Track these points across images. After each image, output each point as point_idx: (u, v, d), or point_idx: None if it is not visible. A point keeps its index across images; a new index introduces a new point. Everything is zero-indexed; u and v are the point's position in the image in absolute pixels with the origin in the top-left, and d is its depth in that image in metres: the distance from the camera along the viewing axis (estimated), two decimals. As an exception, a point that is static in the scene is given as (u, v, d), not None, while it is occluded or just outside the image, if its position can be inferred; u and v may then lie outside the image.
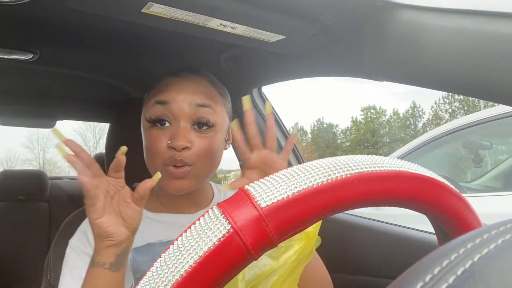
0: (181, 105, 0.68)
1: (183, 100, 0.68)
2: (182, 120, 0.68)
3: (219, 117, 0.72)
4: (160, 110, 0.69)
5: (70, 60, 1.09)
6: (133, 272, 0.69)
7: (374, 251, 1.05)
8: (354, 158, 0.28)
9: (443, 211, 0.29)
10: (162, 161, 0.68)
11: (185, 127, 0.68)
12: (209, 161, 0.71)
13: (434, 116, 30.30)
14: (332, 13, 0.69)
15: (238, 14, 0.66)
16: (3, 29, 0.84)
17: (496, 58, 0.50)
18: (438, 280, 0.15)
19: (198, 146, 0.68)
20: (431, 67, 0.58)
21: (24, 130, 26.89)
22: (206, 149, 0.69)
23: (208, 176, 0.74)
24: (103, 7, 0.63)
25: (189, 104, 0.68)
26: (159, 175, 0.60)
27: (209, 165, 0.71)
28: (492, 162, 3.29)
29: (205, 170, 0.71)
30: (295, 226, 0.25)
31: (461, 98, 27.12)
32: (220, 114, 0.72)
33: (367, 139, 32.77)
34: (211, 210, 0.26)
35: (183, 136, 0.67)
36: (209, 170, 0.72)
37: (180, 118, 0.68)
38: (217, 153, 0.73)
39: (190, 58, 1.05)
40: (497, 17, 0.51)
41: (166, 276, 0.24)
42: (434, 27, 0.57)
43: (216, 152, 0.72)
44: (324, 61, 0.85)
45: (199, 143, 0.68)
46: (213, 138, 0.70)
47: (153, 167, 0.70)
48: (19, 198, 1.82)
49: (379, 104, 46.91)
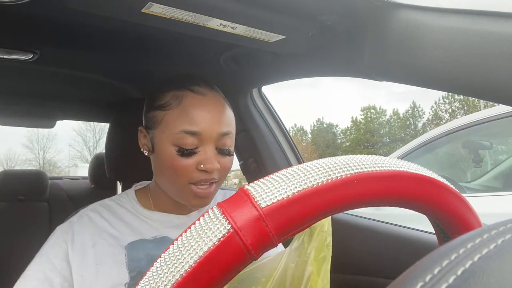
0: (211, 135, 0.70)
1: (212, 130, 0.70)
2: (211, 146, 0.71)
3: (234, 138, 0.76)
4: (189, 139, 0.69)
5: (70, 60, 1.09)
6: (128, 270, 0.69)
7: (374, 251, 1.05)
8: (354, 158, 0.28)
9: (443, 211, 0.29)
10: (189, 181, 0.70)
11: (213, 151, 0.71)
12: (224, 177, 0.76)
13: (434, 116, 30.30)
14: (332, 13, 0.69)
15: (238, 14, 0.66)
16: (3, 29, 0.84)
17: (496, 58, 0.50)
18: (438, 280, 0.15)
19: (223, 167, 0.72)
20: (431, 67, 0.58)
21: (24, 130, 26.94)
22: (228, 169, 0.74)
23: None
24: (103, 7, 0.63)
25: (217, 133, 0.71)
26: None
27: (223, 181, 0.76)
28: (492, 162, 3.29)
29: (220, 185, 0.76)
30: (295, 226, 0.25)
31: (461, 98, 27.12)
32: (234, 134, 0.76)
33: (367, 139, 32.76)
34: (211, 210, 0.26)
35: (214, 160, 0.70)
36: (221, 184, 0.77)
37: (209, 144, 0.71)
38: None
39: (190, 58, 1.05)
40: (497, 17, 0.51)
41: (166, 276, 0.24)
42: (434, 27, 0.57)
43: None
44: (324, 61, 0.85)
45: (223, 163, 0.72)
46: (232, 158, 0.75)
47: (177, 189, 0.72)
48: (19, 198, 1.82)
49: (379, 104, 46.91)
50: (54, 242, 0.71)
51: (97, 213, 0.75)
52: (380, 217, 1.10)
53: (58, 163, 29.27)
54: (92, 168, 1.97)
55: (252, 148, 1.26)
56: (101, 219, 0.74)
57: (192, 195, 0.71)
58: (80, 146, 29.04)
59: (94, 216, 0.74)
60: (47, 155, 28.34)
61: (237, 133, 1.31)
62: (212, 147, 0.71)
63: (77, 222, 0.73)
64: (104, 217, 0.75)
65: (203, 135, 0.69)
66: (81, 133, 28.65)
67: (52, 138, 28.03)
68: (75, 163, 27.39)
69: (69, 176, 2.46)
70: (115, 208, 0.77)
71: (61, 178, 2.21)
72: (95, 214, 0.75)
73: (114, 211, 0.76)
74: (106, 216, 0.75)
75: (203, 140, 0.70)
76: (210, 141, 0.70)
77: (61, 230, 0.73)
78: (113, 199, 0.80)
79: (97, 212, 0.75)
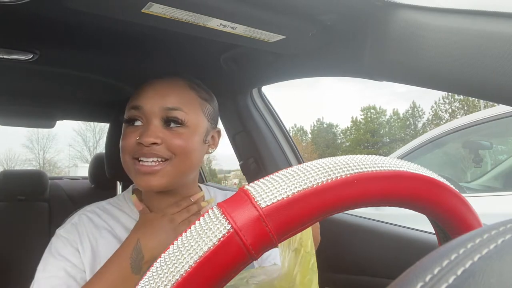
0: (152, 108, 0.71)
1: (153, 104, 0.71)
2: (154, 119, 0.70)
3: (191, 118, 0.72)
4: (133, 113, 0.72)
5: (70, 60, 1.09)
6: None
7: (374, 251, 1.05)
8: (354, 158, 0.28)
9: (443, 211, 0.29)
10: (130, 156, 0.70)
11: (156, 125, 0.70)
12: (183, 159, 0.70)
13: (434, 116, 30.30)
14: (332, 13, 0.69)
15: (238, 14, 0.66)
16: (3, 29, 0.84)
17: (496, 58, 0.50)
18: (438, 280, 0.15)
19: (169, 142, 0.69)
20: (431, 67, 0.58)
21: (24, 130, 26.93)
22: (178, 145, 0.70)
23: (183, 176, 0.73)
24: (103, 7, 0.63)
25: (159, 107, 0.70)
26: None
27: (183, 164, 0.71)
28: (492, 162, 3.29)
29: (182, 167, 0.71)
30: (295, 226, 0.25)
31: (461, 98, 27.11)
32: (193, 115, 0.73)
33: (367, 139, 32.75)
34: (211, 210, 0.26)
35: (152, 132, 0.69)
36: (184, 169, 0.71)
37: (152, 118, 0.70)
38: (192, 153, 0.72)
39: (190, 58, 1.05)
40: (497, 17, 0.51)
41: (166, 276, 0.24)
42: (434, 27, 0.57)
43: (191, 151, 0.72)
44: (324, 61, 0.85)
45: (170, 138, 0.70)
46: (186, 135, 0.71)
47: (124, 164, 0.72)
48: (19, 198, 1.82)
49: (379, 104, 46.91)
50: (64, 242, 0.70)
51: (95, 215, 0.75)
52: (380, 217, 1.10)
53: (58, 163, 29.28)
54: (92, 168, 1.97)
55: (252, 148, 1.26)
56: (99, 220, 0.74)
57: (135, 171, 0.69)
58: (80, 146, 29.05)
59: (93, 217, 0.74)
60: (47, 155, 28.35)
61: (237, 133, 1.32)
62: (155, 121, 0.70)
63: (79, 223, 0.72)
64: (104, 219, 0.74)
65: (145, 109, 0.71)
66: (81, 133, 28.66)
67: (52, 138, 28.04)
68: (75, 163, 27.38)
69: (69, 176, 2.46)
70: (113, 211, 0.76)
71: (61, 178, 2.21)
72: (94, 215, 0.74)
73: (111, 213, 0.76)
74: (106, 219, 0.74)
75: (146, 114, 0.71)
76: (153, 115, 0.70)
77: (66, 231, 0.71)
78: (110, 202, 0.79)
79: (95, 213, 0.75)
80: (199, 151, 0.74)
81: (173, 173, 0.70)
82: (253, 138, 1.24)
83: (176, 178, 0.71)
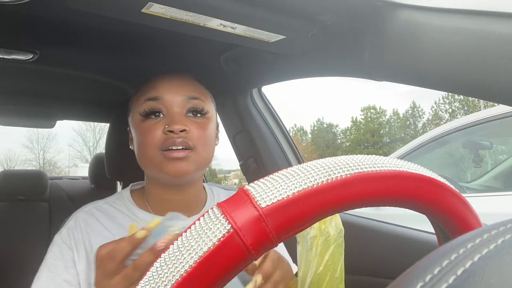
0: (173, 98, 0.70)
1: (174, 93, 0.71)
2: (177, 109, 0.70)
3: (209, 108, 0.74)
4: (152, 105, 0.71)
5: (70, 60, 1.09)
6: None
7: (374, 251, 1.05)
8: (354, 158, 0.28)
9: (443, 211, 0.29)
10: (160, 148, 0.68)
11: (180, 113, 0.70)
12: (207, 147, 0.71)
13: (434, 116, 30.30)
14: (332, 13, 0.69)
15: (238, 14, 0.66)
16: (3, 29, 0.84)
17: (496, 58, 0.50)
18: (438, 280, 0.15)
19: (195, 131, 0.70)
20: (431, 67, 0.58)
21: (24, 130, 26.92)
22: (203, 134, 0.71)
23: (205, 165, 0.74)
24: (103, 7, 0.63)
25: (181, 96, 0.71)
26: (135, 227, 0.55)
27: (206, 153, 0.72)
28: (492, 162, 3.29)
29: (204, 157, 0.71)
30: (295, 226, 0.25)
31: (461, 98, 27.11)
32: (209, 106, 0.75)
33: (367, 139, 32.75)
34: (211, 210, 0.26)
35: (180, 120, 0.68)
36: (206, 158, 0.72)
37: (174, 107, 0.70)
38: (212, 142, 0.74)
39: (190, 58, 1.05)
40: (497, 17, 0.51)
41: (166, 276, 0.24)
42: (434, 27, 0.57)
43: (211, 140, 0.73)
44: (324, 61, 0.85)
45: (196, 127, 0.70)
46: (208, 125, 0.72)
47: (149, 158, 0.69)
48: (19, 198, 1.82)
49: (379, 104, 46.90)
50: (60, 251, 0.68)
51: (92, 216, 0.72)
52: (380, 217, 1.10)
53: (58, 163, 29.28)
54: (92, 168, 1.97)
55: (252, 148, 1.26)
56: (96, 222, 0.71)
57: (165, 160, 0.67)
58: (80, 146, 29.04)
59: (90, 220, 0.71)
60: (47, 155, 28.35)
61: (237, 133, 1.32)
62: (178, 110, 0.70)
63: (75, 227, 0.70)
64: (100, 221, 0.72)
65: (165, 99, 0.70)
66: (81, 133, 28.65)
67: (52, 138, 28.03)
68: (75, 163, 27.38)
69: (69, 176, 2.46)
70: (110, 211, 0.74)
71: (61, 178, 2.21)
72: (91, 217, 0.72)
73: (109, 214, 0.73)
74: (102, 220, 0.72)
75: (166, 103, 0.70)
76: (175, 104, 0.70)
77: (62, 238, 0.70)
78: (108, 201, 0.77)
79: (92, 215, 0.72)
80: (214, 142, 0.76)
81: (198, 162, 0.70)
82: (253, 138, 1.24)
83: (199, 169, 0.71)
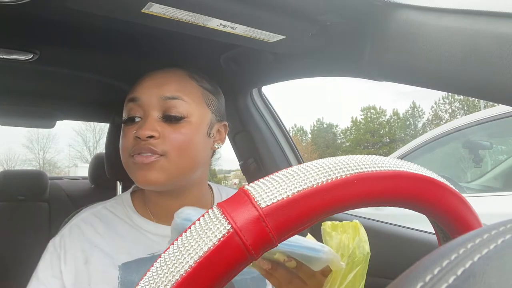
0: (150, 98, 0.67)
1: (151, 93, 0.68)
2: (152, 112, 0.67)
3: (193, 109, 0.68)
4: (131, 107, 0.69)
5: (70, 60, 1.09)
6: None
7: (374, 251, 1.05)
8: (354, 158, 0.28)
9: (443, 211, 0.29)
10: (128, 153, 0.66)
11: (154, 118, 0.66)
12: (183, 154, 0.66)
13: (434, 116, 30.29)
14: (332, 13, 0.69)
15: (238, 14, 0.66)
16: (3, 29, 0.84)
17: (495, 58, 0.50)
18: (438, 280, 0.15)
19: (168, 136, 0.65)
20: (431, 67, 0.58)
21: (24, 130, 26.86)
22: (177, 140, 0.65)
23: (184, 172, 0.67)
24: (103, 7, 0.63)
25: (157, 97, 0.67)
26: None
27: (183, 159, 0.66)
28: (492, 162, 3.29)
29: (179, 164, 0.65)
30: (295, 226, 0.25)
31: (461, 98, 27.10)
32: (195, 105, 0.69)
33: (367, 139, 32.74)
34: (211, 210, 0.26)
35: (149, 125, 0.65)
36: (184, 165, 0.66)
37: (149, 111, 0.67)
38: (193, 147, 0.67)
39: (190, 58, 1.05)
40: (497, 17, 0.51)
41: (166, 276, 0.24)
42: (434, 27, 0.57)
43: (191, 146, 0.67)
44: (324, 61, 0.85)
45: (169, 132, 0.65)
46: (187, 129, 0.67)
47: (124, 164, 0.69)
48: (19, 198, 1.82)
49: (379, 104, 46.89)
50: (49, 261, 0.67)
51: (89, 225, 0.70)
52: (380, 217, 1.10)
53: (58, 163, 29.28)
54: (92, 168, 1.97)
55: (252, 148, 1.26)
56: (93, 232, 0.69)
57: (134, 167, 0.65)
58: (80, 146, 29.03)
59: (86, 229, 0.69)
60: (47, 155, 28.34)
61: (237, 133, 1.32)
62: (153, 114, 0.67)
63: (68, 236, 0.68)
64: (97, 230, 0.69)
65: (142, 100, 0.67)
66: (81, 133, 28.63)
67: (52, 138, 28.02)
68: (75, 163, 27.38)
69: (69, 176, 2.46)
70: (109, 218, 0.71)
71: (61, 178, 2.21)
72: (87, 226, 0.70)
73: (107, 222, 0.71)
74: (99, 229, 0.69)
75: (143, 105, 0.68)
76: (151, 106, 0.67)
77: (54, 245, 0.68)
78: (106, 206, 0.74)
79: (89, 224, 0.70)
80: (202, 146, 0.69)
81: (172, 170, 0.65)
82: (253, 138, 1.24)
83: (177, 176, 0.66)
